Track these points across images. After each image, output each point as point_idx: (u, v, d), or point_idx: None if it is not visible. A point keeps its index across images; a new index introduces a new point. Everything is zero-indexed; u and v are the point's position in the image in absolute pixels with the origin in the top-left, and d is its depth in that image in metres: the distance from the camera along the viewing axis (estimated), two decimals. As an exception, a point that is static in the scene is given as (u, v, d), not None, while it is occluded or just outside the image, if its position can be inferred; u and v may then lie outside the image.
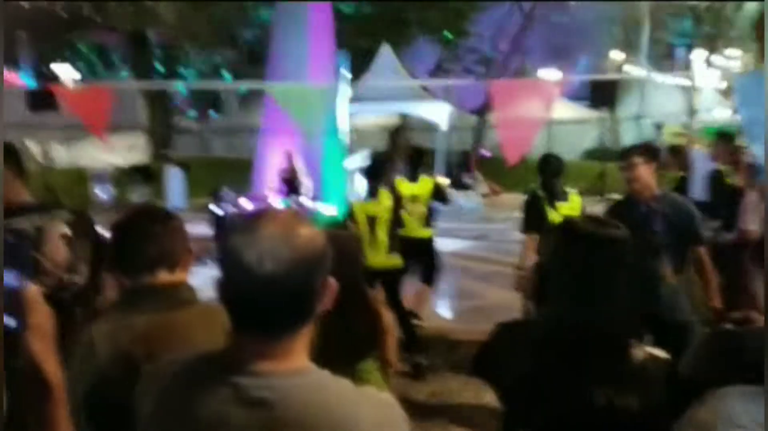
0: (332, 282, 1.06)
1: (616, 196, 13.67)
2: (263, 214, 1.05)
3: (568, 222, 1.58)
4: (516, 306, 5.93)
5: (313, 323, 1.06)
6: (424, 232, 5.38)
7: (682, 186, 6.08)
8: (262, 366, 0.99)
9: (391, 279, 4.80)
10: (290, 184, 8.84)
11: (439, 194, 5.52)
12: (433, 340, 5.23)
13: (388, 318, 2.46)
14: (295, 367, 1.01)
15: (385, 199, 4.80)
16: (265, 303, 0.98)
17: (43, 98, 8.23)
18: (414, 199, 5.40)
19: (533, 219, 4.50)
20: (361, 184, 9.89)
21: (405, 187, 5.37)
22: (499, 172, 12.38)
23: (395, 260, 4.83)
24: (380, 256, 4.75)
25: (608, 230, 1.47)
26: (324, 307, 1.06)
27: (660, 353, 1.48)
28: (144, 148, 17.23)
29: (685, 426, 1.27)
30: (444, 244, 6.11)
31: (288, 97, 8.01)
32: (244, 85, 17.16)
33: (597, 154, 17.79)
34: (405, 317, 4.82)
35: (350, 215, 4.85)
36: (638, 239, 1.49)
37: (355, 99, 11.69)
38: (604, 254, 1.45)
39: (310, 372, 1.04)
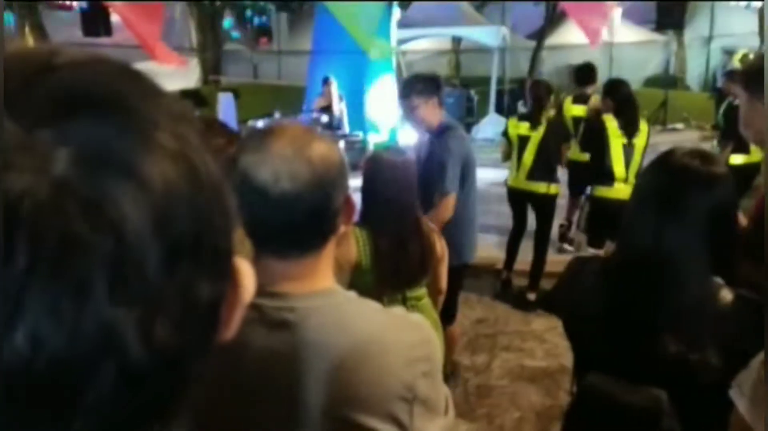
0: (352, 199, 1.02)
1: (679, 126, 13.15)
2: (273, 130, 0.99)
3: (666, 153, 1.46)
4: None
5: (335, 242, 1.02)
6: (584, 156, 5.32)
7: (728, 114, 5.74)
8: (283, 287, 0.97)
9: (538, 204, 4.73)
10: (327, 113, 8.71)
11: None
12: (479, 268, 5.24)
13: (442, 246, 2.46)
14: (317, 288, 0.98)
15: (542, 123, 4.64)
16: (282, 223, 0.95)
17: (98, 21, 8.30)
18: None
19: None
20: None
21: (574, 109, 5.62)
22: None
23: (536, 186, 4.63)
24: (519, 179, 4.69)
25: (705, 165, 1.37)
26: (344, 225, 1.02)
27: (751, 295, 1.36)
28: (195, 73, 17.34)
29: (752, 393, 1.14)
30: (489, 175, 6.01)
31: (344, 9, 7.74)
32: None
33: (660, 80, 16.93)
34: (542, 247, 4.76)
35: (505, 132, 4.83)
36: None
37: (405, 23, 11.37)
38: (696, 189, 1.35)
39: (334, 293, 1.00)
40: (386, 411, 0.94)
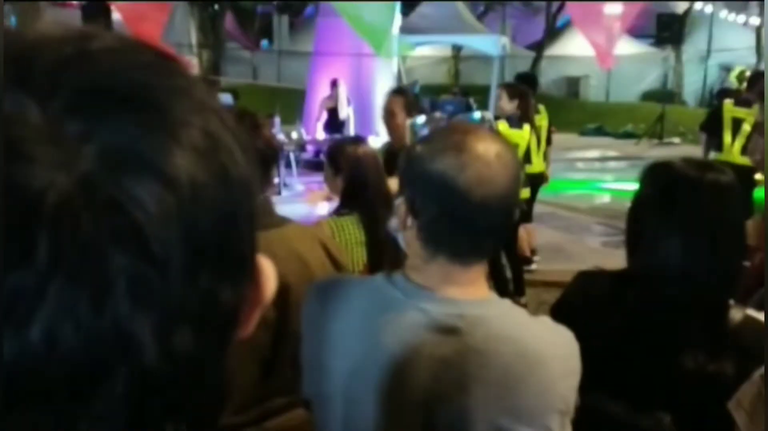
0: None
1: (676, 140, 13.20)
2: (461, 129, 0.96)
3: (667, 165, 1.42)
4: (565, 247, 5.87)
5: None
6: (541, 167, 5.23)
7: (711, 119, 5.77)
8: (450, 293, 0.95)
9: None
10: (335, 115, 8.60)
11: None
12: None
13: None
14: (480, 295, 0.97)
15: (527, 132, 4.50)
16: (474, 228, 0.92)
17: (98, 18, 8.35)
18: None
19: None
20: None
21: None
22: (553, 111, 12.02)
23: (523, 192, 4.48)
24: None
25: (715, 175, 1.34)
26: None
27: (759, 316, 1.33)
28: (195, 73, 17.30)
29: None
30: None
31: (352, 10, 7.66)
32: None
33: (658, 95, 17.01)
34: (513, 252, 4.70)
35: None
36: None
37: (406, 30, 11.40)
38: (710, 201, 1.32)
39: (494, 301, 0.99)
40: (545, 424, 0.93)
